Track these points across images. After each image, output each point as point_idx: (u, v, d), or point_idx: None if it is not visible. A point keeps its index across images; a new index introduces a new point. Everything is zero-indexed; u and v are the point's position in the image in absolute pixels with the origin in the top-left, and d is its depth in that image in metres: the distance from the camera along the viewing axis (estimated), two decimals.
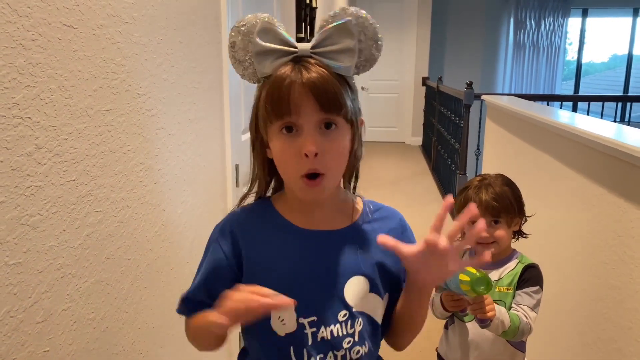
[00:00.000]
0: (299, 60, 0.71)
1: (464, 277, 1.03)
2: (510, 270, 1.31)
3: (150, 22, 1.09)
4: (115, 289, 0.97)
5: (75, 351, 0.84)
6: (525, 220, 1.35)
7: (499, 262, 1.32)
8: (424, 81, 7.45)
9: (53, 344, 0.78)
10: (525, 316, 1.23)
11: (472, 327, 1.33)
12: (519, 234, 1.36)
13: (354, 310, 0.79)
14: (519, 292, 1.28)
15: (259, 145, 0.79)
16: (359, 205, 0.86)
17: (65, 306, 0.81)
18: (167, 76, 1.19)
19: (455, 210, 1.35)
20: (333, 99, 0.71)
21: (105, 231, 0.93)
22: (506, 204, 1.28)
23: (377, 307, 0.82)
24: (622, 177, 1.36)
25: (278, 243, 0.80)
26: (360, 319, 0.79)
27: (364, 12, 0.74)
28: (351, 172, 0.85)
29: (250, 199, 0.88)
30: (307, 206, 0.81)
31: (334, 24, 0.71)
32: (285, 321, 0.78)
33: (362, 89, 7.70)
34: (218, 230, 0.84)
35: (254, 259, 0.80)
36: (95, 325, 0.90)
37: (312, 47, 0.71)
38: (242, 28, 0.74)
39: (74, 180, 0.82)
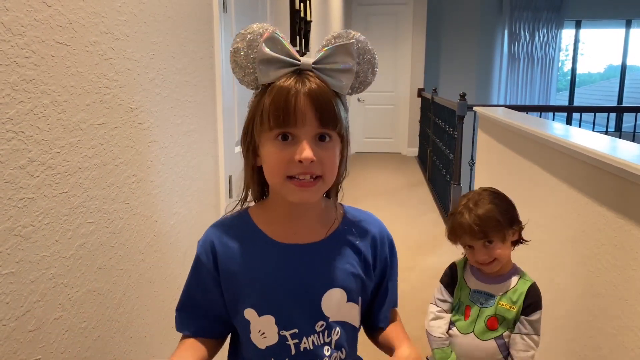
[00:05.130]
0: (300, 73, 0.74)
1: None
2: (513, 286, 1.31)
3: (142, 38, 1.12)
4: (107, 298, 0.99)
5: (67, 359, 0.85)
6: (522, 228, 1.34)
7: (500, 276, 1.32)
8: (420, 92, 7.51)
9: (45, 352, 0.80)
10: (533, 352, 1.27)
11: (464, 337, 1.33)
12: (518, 242, 1.35)
13: (330, 320, 0.81)
14: (525, 318, 1.27)
15: (252, 151, 0.80)
16: (339, 214, 0.87)
17: (57, 315, 0.83)
18: (159, 90, 1.22)
19: (447, 234, 1.34)
20: (332, 113, 0.73)
21: (98, 242, 0.95)
22: (493, 224, 1.27)
23: (354, 314, 0.85)
24: (606, 187, 1.39)
25: (256, 258, 0.81)
26: (337, 328, 0.82)
27: (363, 37, 0.77)
28: (336, 186, 0.87)
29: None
30: (289, 217, 0.83)
31: (337, 43, 0.74)
32: (265, 334, 0.80)
33: (359, 100, 7.74)
34: (200, 245, 0.86)
35: (233, 274, 0.81)
36: (87, 334, 0.92)
37: (315, 63, 0.74)
38: (249, 35, 0.76)
39: (66, 192, 0.84)
